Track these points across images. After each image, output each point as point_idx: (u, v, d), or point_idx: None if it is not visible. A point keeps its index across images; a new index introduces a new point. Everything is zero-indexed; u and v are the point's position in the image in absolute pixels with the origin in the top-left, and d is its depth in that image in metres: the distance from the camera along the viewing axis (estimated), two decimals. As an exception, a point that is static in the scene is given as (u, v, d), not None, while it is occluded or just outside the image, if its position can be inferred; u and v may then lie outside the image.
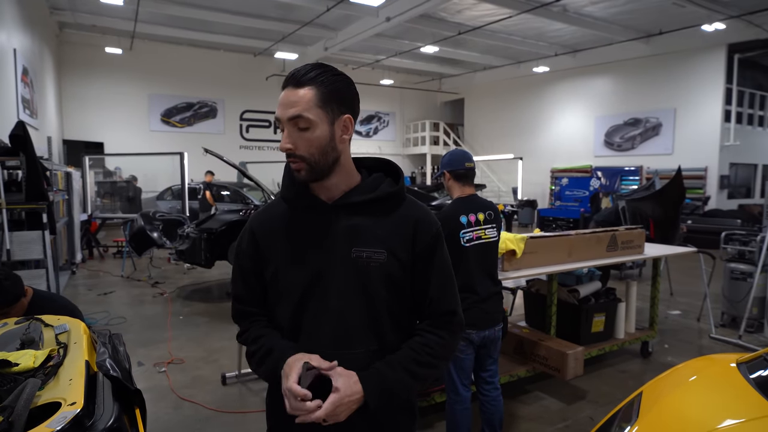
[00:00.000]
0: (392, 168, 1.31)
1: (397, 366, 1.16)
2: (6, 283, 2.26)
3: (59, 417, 1.13)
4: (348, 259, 1.17)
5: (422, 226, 1.23)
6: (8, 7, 7.68)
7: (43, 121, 10.19)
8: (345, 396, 1.06)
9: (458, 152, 2.66)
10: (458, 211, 2.55)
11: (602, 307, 4.01)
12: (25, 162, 4.19)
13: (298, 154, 1.12)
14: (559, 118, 15.76)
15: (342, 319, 1.17)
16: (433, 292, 1.23)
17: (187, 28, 13.17)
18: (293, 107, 1.10)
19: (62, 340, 1.62)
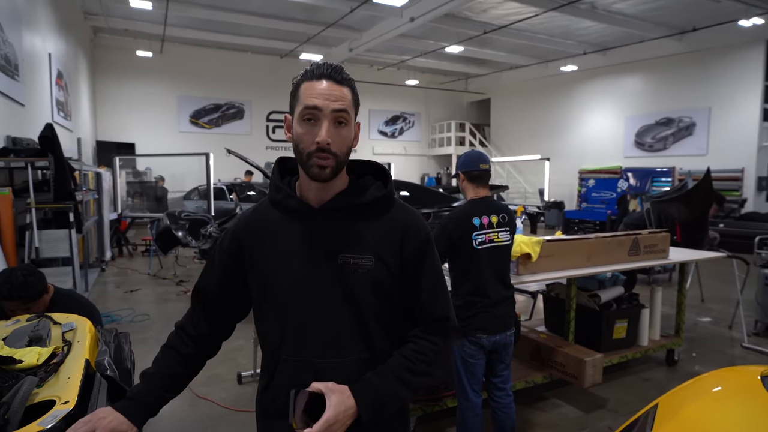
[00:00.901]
0: (381, 171, 1.28)
1: (390, 375, 1.13)
2: (30, 279, 2.33)
3: (51, 415, 1.15)
4: (335, 266, 1.14)
5: (411, 230, 1.19)
6: (44, 13, 7.97)
7: (77, 123, 10.55)
8: (339, 412, 1.02)
9: (473, 153, 2.62)
10: (471, 213, 2.51)
11: (624, 313, 3.88)
12: (54, 163, 4.33)
13: (333, 150, 1.09)
14: (587, 118, 15.40)
15: (330, 326, 1.15)
16: (424, 297, 1.20)
17: (215, 31, 13.42)
18: (340, 101, 1.09)
19: (68, 338, 1.65)
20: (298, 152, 1.13)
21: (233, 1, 11.25)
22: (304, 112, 1.09)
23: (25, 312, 2.30)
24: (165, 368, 1.22)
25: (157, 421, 3.18)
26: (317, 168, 1.10)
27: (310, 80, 1.11)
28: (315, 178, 1.11)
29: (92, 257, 7.64)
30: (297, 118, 1.11)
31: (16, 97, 5.93)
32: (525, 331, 3.82)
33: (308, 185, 1.17)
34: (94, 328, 1.73)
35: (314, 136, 1.08)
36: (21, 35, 6.35)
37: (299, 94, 1.12)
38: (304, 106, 1.09)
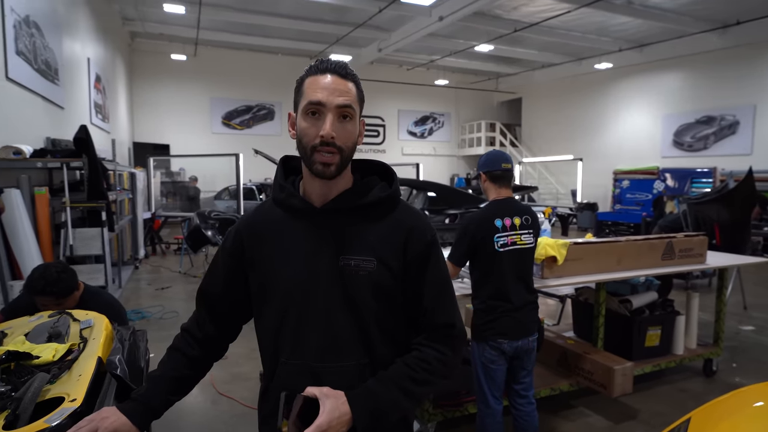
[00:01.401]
0: (386, 171, 1.24)
1: (390, 384, 1.08)
2: (63, 276, 2.38)
3: (58, 413, 1.16)
4: (335, 267, 1.11)
5: (415, 233, 1.15)
6: (83, 20, 8.28)
7: (114, 125, 10.91)
8: (333, 419, 0.98)
9: (495, 153, 2.55)
10: (493, 214, 2.44)
11: (658, 320, 3.72)
12: (87, 163, 4.46)
13: (338, 145, 1.06)
14: (623, 117, 14.92)
15: (328, 329, 1.11)
16: (427, 302, 1.15)
17: (246, 34, 13.66)
18: (344, 96, 1.07)
19: (85, 335, 1.68)
20: (301, 147, 1.10)
21: (263, 4, 11.43)
22: (309, 106, 1.07)
23: (57, 307, 2.36)
24: (171, 371, 1.21)
25: (179, 418, 3.24)
26: (321, 165, 1.07)
27: (314, 75, 1.09)
28: (319, 175, 1.09)
29: (126, 255, 7.88)
30: (301, 113, 1.09)
31: (55, 100, 6.16)
32: (552, 336, 3.70)
33: (311, 183, 1.14)
34: (110, 326, 1.76)
35: (318, 130, 1.06)
36: (61, 41, 6.60)
37: (303, 89, 1.10)
38: (308, 101, 1.07)
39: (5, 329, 1.80)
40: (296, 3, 11.22)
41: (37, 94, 5.45)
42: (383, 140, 18.88)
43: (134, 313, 5.48)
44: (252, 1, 11.32)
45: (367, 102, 1.19)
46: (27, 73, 5.16)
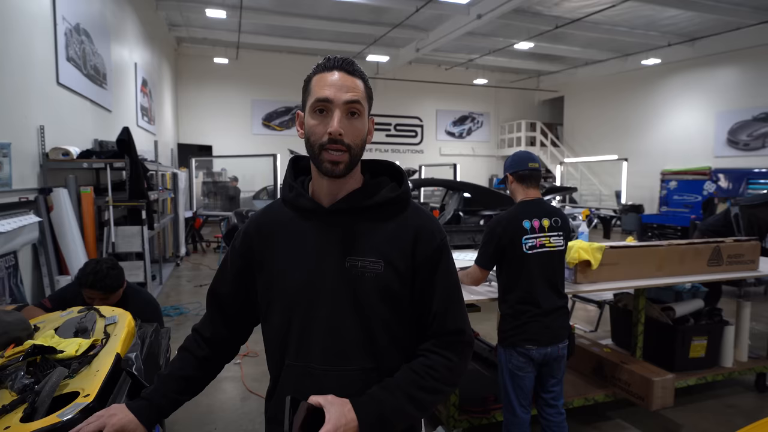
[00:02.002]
0: (396, 171, 1.22)
1: (397, 391, 1.05)
2: (113, 272, 2.47)
3: (70, 408, 1.18)
4: (341, 268, 1.09)
5: (424, 235, 1.12)
6: (131, 28, 8.64)
7: (160, 127, 11.33)
8: (339, 426, 0.95)
9: (521, 153, 2.47)
10: (521, 215, 2.36)
11: (704, 330, 3.50)
12: (129, 164, 4.64)
13: (346, 142, 1.04)
14: (671, 115, 14.23)
15: (333, 333, 1.09)
16: (436, 307, 1.12)
17: (286, 36, 13.90)
18: (352, 92, 1.06)
19: (109, 331, 1.72)
20: (309, 146, 1.08)
21: (302, 7, 11.59)
22: (316, 104, 1.05)
23: (102, 302, 2.44)
24: (179, 370, 1.22)
25: (210, 412, 3.30)
26: (329, 164, 1.05)
27: (321, 72, 1.08)
28: (327, 174, 1.07)
29: (168, 252, 8.16)
30: (308, 111, 1.08)
31: (103, 104, 6.45)
32: (587, 344, 3.55)
33: (320, 183, 1.12)
34: (133, 323, 1.80)
35: (326, 127, 1.04)
36: (110, 47, 6.90)
37: (310, 87, 1.08)
38: (315, 98, 1.05)
39: (38, 323, 1.87)
40: (334, 5, 11.32)
41: (86, 98, 5.72)
42: (421, 141, 18.79)
43: (173, 309, 5.66)
44: (291, 4, 11.51)
45: (404, 102, 1.17)
46: (76, 79, 5.42)
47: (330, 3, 11.19)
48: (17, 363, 1.44)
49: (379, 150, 17.99)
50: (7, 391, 1.36)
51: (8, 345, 1.60)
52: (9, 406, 1.24)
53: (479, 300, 2.59)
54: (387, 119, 18.06)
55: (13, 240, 3.51)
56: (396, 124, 18.31)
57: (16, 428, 1.14)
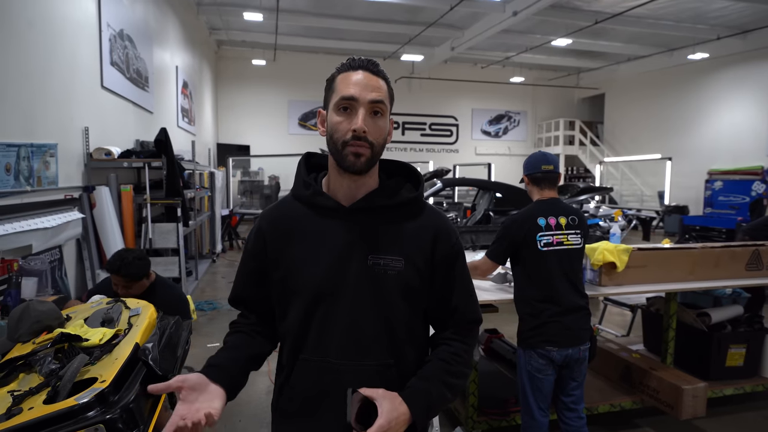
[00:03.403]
0: (412, 173, 1.25)
1: (435, 380, 1.12)
2: (138, 262, 2.61)
3: (87, 392, 1.26)
4: (364, 266, 1.11)
5: (442, 235, 1.18)
6: (173, 32, 8.98)
7: (200, 127, 11.72)
8: (392, 419, 0.99)
9: (536, 155, 2.45)
10: (536, 213, 2.36)
11: (742, 337, 3.34)
12: (166, 163, 4.83)
13: (369, 140, 1.07)
14: (720, 112, 13.54)
15: (354, 329, 1.11)
16: (457, 301, 1.20)
17: (322, 37, 14.08)
18: (376, 91, 1.09)
19: (132, 321, 1.81)
20: (332, 142, 1.10)
21: (337, 8, 11.72)
22: (341, 102, 1.08)
23: (125, 290, 2.59)
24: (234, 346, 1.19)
25: (233, 405, 3.40)
26: (353, 156, 1.07)
27: (345, 72, 1.11)
28: (349, 168, 1.08)
29: (205, 249, 8.43)
30: (332, 109, 1.10)
31: (145, 106, 6.75)
32: (615, 348, 3.45)
33: (339, 181, 1.14)
34: (155, 315, 1.89)
35: (350, 124, 1.06)
36: (152, 51, 7.20)
37: (335, 86, 1.11)
38: (340, 96, 1.08)
39: (70, 313, 1.99)
40: (369, 5, 11.38)
41: (128, 101, 5.99)
42: (456, 140, 18.64)
43: (206, 304, 5.85)
44: (326, 6, 11.66)
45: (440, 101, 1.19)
46: (120, 82, 5.69)
47: (364, 3, 11.27)
48: (46, 349, 1.54)
49: (414, 150, 17.97)
50: (36, 375, 1.46)
51: (41, 332, 1.72)
52: (35, 389, 1.33)
53: (497, 300, 2.56)
54: (422, 119, 18.01)
55: (58, 235, 3.73)
56: (431, 123, 18.23)
57: (39, 409, 1.23)
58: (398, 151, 17.61)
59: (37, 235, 3.30)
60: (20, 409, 1.24)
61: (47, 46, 3.86)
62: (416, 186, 1.21)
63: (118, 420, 1.21)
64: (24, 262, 3.17)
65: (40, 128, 3.71)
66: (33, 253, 3.31)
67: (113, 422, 1.20)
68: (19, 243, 3.10)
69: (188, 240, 6.79)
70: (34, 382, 1.39)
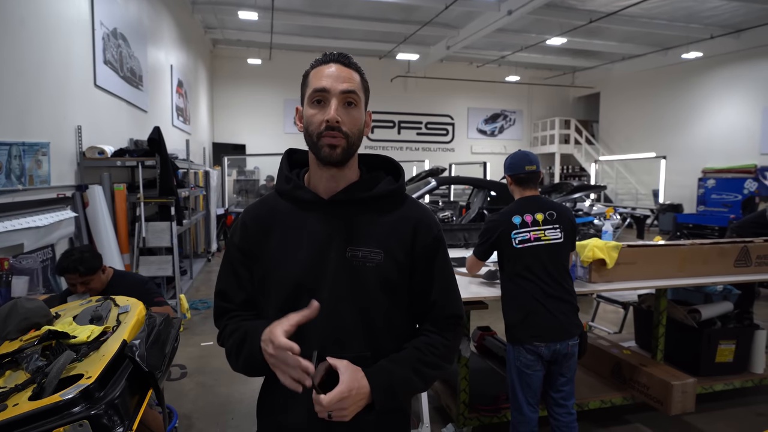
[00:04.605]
0: (392, 165, 1.26)
1: (404, 364, 1.11)
2: (86, 255, 2.61)
3: (73, 388, 1.27)
4: (342, 259, 1.12)
5: (422, 227, 1.17)
6: (167, 31, 8.95)
7: (195, 127, 11.69)
8: (353, 389, 0.99)
9: (519, 155, 2.47)
10: (513, 212, 2.41)
11: (732, 333, 3.36)
12: (159, 162, 4.82)
13: (343, 130, 1.08)
14: (714, 111, 13.61)
15: (333, 321, 1.11)
16: (436, 295, 1.18)
17: (317, 36, 14.06)
18: (348, 82, 1.09)
19: (121, 319, 1.82)
20: (308, 135, 1.11)
21: (332, 7, 11.71)
22: (313, 94, 1.09)
23: (83, 287, 2.57)
24: None
25: (225, 404, 3.41)
26: (328, 147, 1.07)
27: (318, 66, 1.13)
28: (325, 159, 1.09)
29: (200, 248, 8.42)
30: (307, 103, 1.11)
31: (139, 105, 6.73)
32: (607, 345, 3.48)
33: (319, 174, 1.15)
34: (144, 312, 1.89)
35: (324, 116, 1.07)
36: (146, 50, 7.18)
37: (308, 80, 1.13)
38: (313, 89, 1.09)
39: (59, 311, 1.99)
40: (364, 4, 11.38)
41: (122, 99, 5.98)
42: (452, 139, 18.66)
43: (201, 303, 5.84)
44: (321, 5, 11.65)
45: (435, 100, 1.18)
46: (113, 81, 5.67)
47: (360, 2, 11.27)
48: (33, 346, 1.55)
49: (410, 149, 17.97)
50: (22, 372, 1.47)
51: (29, 330, 1.72)
52: (21, 386, 1.34)
53: (487, 297, 2.58)
54: (418, 117, 18.01)
55: (50, 234, 3.73)
56: (427, 122, 18.24)
57: (24, 405, 1.23)
58: (394, 150, 17.62)
59: (28, 234, 3.29)
60: (5, 406, 1.24)
61: (40, 44, 3.84)
62: (396, 178, 1.21)
63: (102, 416, 1.22)
64: (15, 260, 3.16)
65: (33, 127, 3.70)
66: (24, 251, 3.30)
67: (98, 418, 1.21)
68: (10, 242, 3.10)
69: (183, 239, 6.78)
70: (20, 379, 1.40)
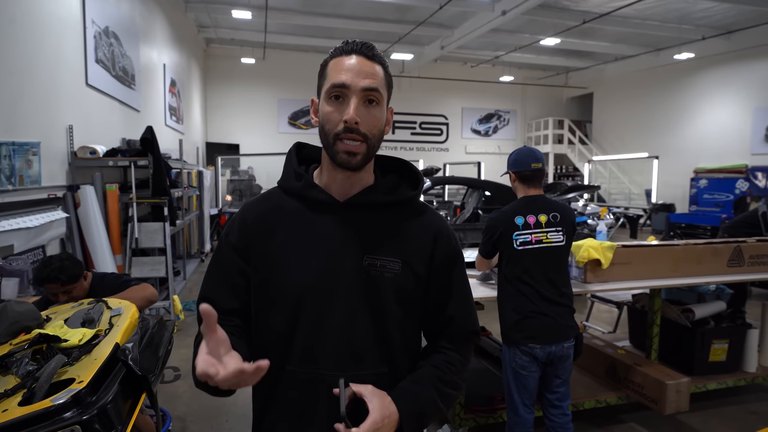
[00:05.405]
0: (407, 169, 1.16)
1: (428, 385, 1.03)
2: (66, 263, 2.44)
3: (64, 393, 1.24)
4: (359, 267, 1.02)
5: (443, 237, 1.10)
6: (160, 30, 8.89)
7: (188, 126, 11.62)
8: (384, 417, 0.92)
9: (524, 151, 2.45)
10: (516, 212, 2.38)
11: (725, 333, 3.38)
12: (152, 162, 4.78)
13: (363, 131, 0.97)
14: (706, 111, 13.71)
15: (348, 335, 1.02)
16: (454, 310, 1.11)
17: (311, 36, 14.02)
18: (371, 78, 0.98)
19: (114, 322, 1.79)
20: (323, 134, 1.01)
21: (326, 6, 11.68)
22: (332, 90, 0.98)
23: (65, 296, 2.42)
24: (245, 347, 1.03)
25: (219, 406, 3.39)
26: (345, 155, 0.98)
27: (338, 56, 1.01)
28: (342, 166, 1.00)
29: (193, 248, 8.37)
30: (324, 98, 1.01)
31: (131, 104, 6.67)
32: (601, 345, 3.48)
33: (332, 175, 1.05)
34: (137, 314, 1.87)
35: (342, 114, 0.97)
36: (138, 49, 7.12)
37: (327, 72, 1.02)
38: (331, 83, 0.98)
39: (50, 314, 1.96)
40: (358, 4, 11.37)
41: (114, 99, 5.92)
42: (446, 139, 18.68)
43: (194, 304, 5.80)
44: (315, 4, 11.62)
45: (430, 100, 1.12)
46: (105, 80, 5.62)
47: (354, 2, 11.25)
48: (24, 350, 1.52)
49: (405, 148, 17.97)
50: (12, 377, 1.44)
51: (19, 333, 1.69)
52: (10, 391, 1.31)
53: (483, 298, 2.57)
54: (412, 117, 18.01)
55: (41, 235, 3.68)
56: (421, 122, 18.25)
57: (14, 411, 1.21)
58: (389, 150, 17.60)
59: (18, 235, 3.25)
60: (-5, 411, 1.22)
61: (30, 43, 3.80)
62: (415, 184, 1.12)
63: (94, 421, 1.20)
64: (5, 262, 3.12)
65: (23, 126, 3.65)
66: (14, 253, 3.26)
67: (90, 423, 1.19)
68: None
69: (176, 239, 6.73)
70: (9, 384, 1.37)
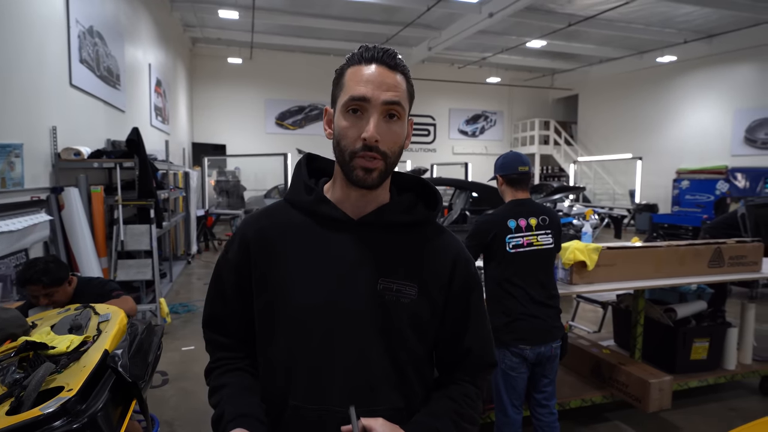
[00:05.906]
0: (426, 189, 1.08)
1: (444, 417, 0.97)
2: (51, 266, 2.42)
3: (53, 401, 1.24)
4: (373, 291, 0.94)
5: (461, 261, 1.02)
6: (145, 29, 8.80)
7: (174, 127, 11.51)
8: None
9: (511, 155, 2.48)
10: (507, 215, 2.40)
11: (705, 331, 3.46)
12: (138, 163, 4.74)
13: (382, 149, 0.90)
14: (688, 113, 13.97)
15: (360, 366, 0.94)
16: (472, 341, 1.03)
17: (299, 36, 13.98)
18: (393, 90, 0.90)
19: (102, 328, 1.78)
20: (339, 151, 0.93)
21: (314, 7, 11.66)
22: (350, 103, 0.90)
23: (47, 298, 2.40)
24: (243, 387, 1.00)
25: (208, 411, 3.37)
26: (362, 171, 0.90)
27: (357, 65, 0.92)
28: (358, 183, 0.92)
29: (180, 250, 8.29)
30: (340, 110, 0.92)
31: (116, 104, 6.59)
32: (587, 344, 3.54)
33: (346, 192, 0.97)
34: (125, 320, 1.86)
35: (360, 130, 0.89)
36: (123, 49, 7.04)
37: (344, 81, 0.93)
38: (349, 96, 0.90)
39: (36, 320, 1.94)
40: (346, 4, 11.37)
41: (98, 99, 5.85)
42: (434, 139, 18.76)
43: (181, 306, 5.76)
44: (303, 4, 11.59)
45: (417, 101, 1.07)
46: (89, 80, 5.55)
47: (342, 3, 11.25)
48: (10, 359, 1.51)
49: (392, 149, 18.01)
50: (-1, 385, 1.42)
51: (4, 341, 1.67)
52: (-2, 399, 1.30)
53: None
54: (399, 118, 18.06)
55: (24, 238, 3.62)
56: (409, 122, 18.32)
57: (1, 420, 1.20)
58: (376, 151, 17.59)
59: (1, 239, 3.20)
60: (-18, 421, 1.21)
61: (12, 43, 3.74)
62: (433, 205, 1.05)
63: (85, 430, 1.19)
64: (-12, 266, 3.07)
65: (5, 127, 3.60)
66: (-3, 257, 3.21)
67: (80, 432, 1.18)
68: (-18, 247, 3.01)
69: (162, 241, 6.67)
70: (-3, 392, 1.36)
